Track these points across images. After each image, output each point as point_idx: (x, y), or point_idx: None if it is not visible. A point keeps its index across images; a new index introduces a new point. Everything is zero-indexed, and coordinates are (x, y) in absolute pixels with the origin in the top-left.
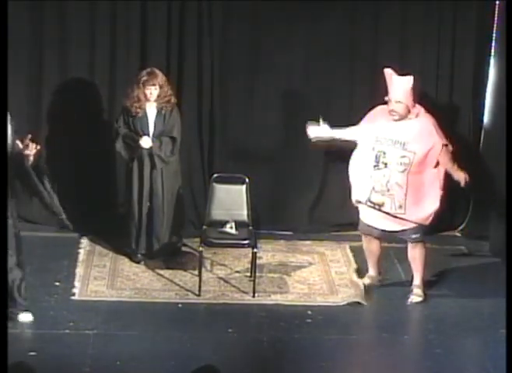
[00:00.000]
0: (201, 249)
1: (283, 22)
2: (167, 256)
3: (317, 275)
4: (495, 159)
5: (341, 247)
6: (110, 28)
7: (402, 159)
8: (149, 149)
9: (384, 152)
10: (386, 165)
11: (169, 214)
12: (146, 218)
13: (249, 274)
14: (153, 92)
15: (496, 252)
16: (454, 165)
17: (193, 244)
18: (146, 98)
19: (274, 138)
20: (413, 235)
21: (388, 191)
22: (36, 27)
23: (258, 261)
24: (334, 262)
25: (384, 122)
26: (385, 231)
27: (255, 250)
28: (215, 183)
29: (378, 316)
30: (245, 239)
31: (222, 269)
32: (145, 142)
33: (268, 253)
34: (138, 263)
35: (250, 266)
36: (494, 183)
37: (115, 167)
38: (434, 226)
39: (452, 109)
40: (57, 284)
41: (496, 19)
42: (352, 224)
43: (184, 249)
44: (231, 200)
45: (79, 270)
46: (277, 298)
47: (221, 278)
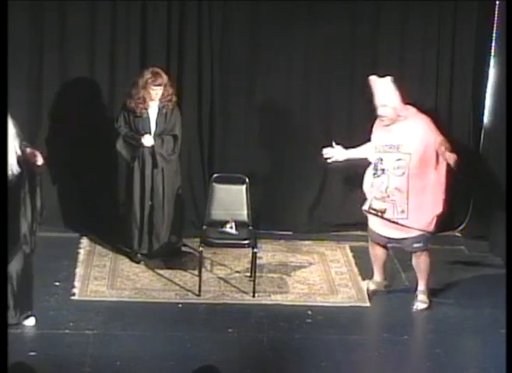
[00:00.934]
0: (201, 249)
1: (283, 22)
2: (167, 256)
3: (317, 275)
4: (495, 159)
5: (341, 247)
6: (110, 28)
7: (398, 162)
8: (150, 148)
9: (381, 159)
10: (383, 171)
11: (169, 213)
12: (148, 218)
13: (249, 274)
14: (158, 92)
15: (496, 252)
16: (452, 154)
17: (193, 244)
18: (151, 98)
19: (274, 138)
20: (415, 245)
21: (389, 197)
22: (36, 27)
23: (258, 261)
24: (334, 262)
25: (380, 130)
26: (389, 238)
27: (255, 250)
28: (215, 183)
29: (378, 316)
30: (245, 239)
31: (222, 269)
32: (147, 140)
33: (268, 253)
34: (138, 263)
35: (250, 266)
36: (494, 183)
37: (115, 167)
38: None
39: (452, 110)
40: (57, 284)
41: (496, 19)
42: (352, 224)
43: (184, 249)
44: (231, 200)
45: (79, 270)
46: (277, 298)
47: (221, 278)
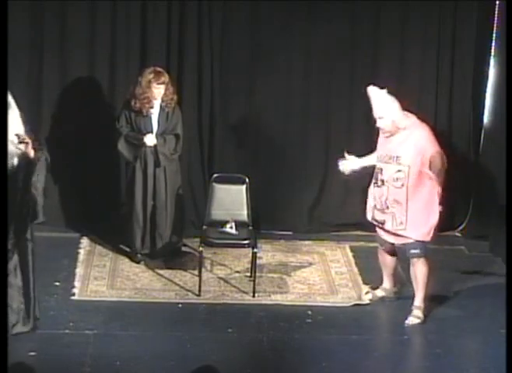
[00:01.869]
0: (201, 249)
1: (283, 22)
2: (167, 256)
3: (317, 275)
4: (495, 159)
5: (341, 247)
6: (110, 28)
7: (398, 174)
8: (152, 147)
9: (381, 169)
10: (383, 182)
11: (170, 213)
12: (150, 217)
13: (249, 274)
14: (161, 91)
15: (496, 252)
16: (441, 174)
17: (193, 244)
18: (154, 97)
19: (274, 138)
20: (412, 251)
21: (388, 209)
22: (36, 27)
23: (258, 261)
24: (334, 262)
25: (382, 139)
26: (391, 244)
27: (255, 250)
28: (215, 183)
29: (378, 316)
30: (245, 239)
31: (222, 269)
32: (150, 140)
33: (268, 253)
34: (139, 263)
35: (250, 266)
36: (494, 183)
37: (115, 167)
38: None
39: (452, 110)
40: (57, 284)
41: (496, 19)
42: (352, 224)
43: (184, 249)
44: (231, 200)
45: (79, 270)
46: (277, 298)
47: (221, 278)
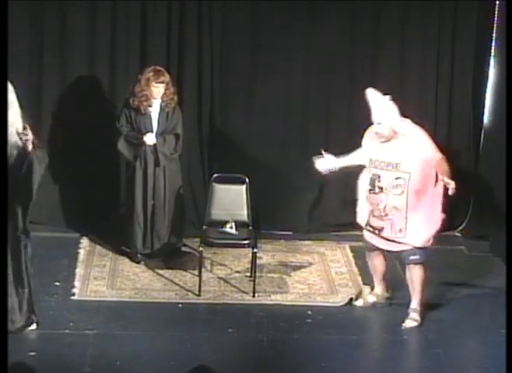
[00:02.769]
0: (201, 249)
1: (283, 22)
2: (167, 256)
3: (317, 275)
4: (495, 159)
5: (341, 247)
6: (110, 28)
7: (397, 181)
8: (152, 146)
9: (379, 176)
10: (382, 189)
11: (170, 213)
12: (150, 217)
13: (249, 274)
14: (161, 90)
15: (496, 252)
16: (448, 174)
17: (193, 244)
18: (153, 95)
19: (274, 138)
20: (411, 257)
21: (387, 216)
22: (36, 27)
23: (258, 261)
24: (334, 262)
25: (377, 143)
26: (385, 250)
27: (255, 250)
28: (215, 183)
29: (378, 316)
30: (245, 239)
31: (222, 269)
32: (150, 139)
33: (268, 253)
34: (138, 263)
35: (250, 266)
36: (494, 183)
37: (115, 167)
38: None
39: (452, 110)
40: (57, 284)
41: (496, 18)
42: (352, 224)
43: (184, 249)
44: (231, 200)
45: (79, 270)
46: (277, 298)
47: (221, 278)
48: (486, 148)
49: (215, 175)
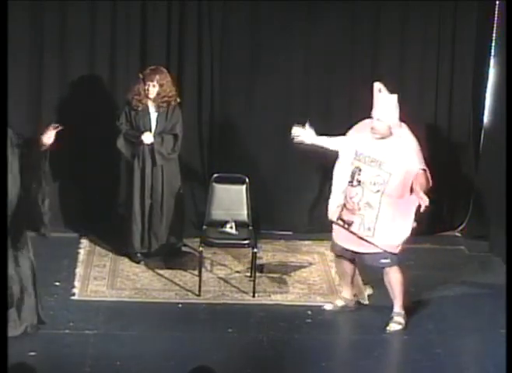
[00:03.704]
0: (201, 249)
1: (283, 22)
2: (167, 256)
3: (317, 275)
4: (495, 159)
5: None
6: (110, 28)
7: (376, 179)
8: (150, 145)
9: (360, 169)
10: (360, 182)
11: (168, 213)
12: (148, 217)
13: (249, 274)
14: (151, 89)
15: (496, 252)
16: (423, 189)
17: (193, 244)
18: (145, 93)
19: (274, 138)
20: (382, 260)
21: (359, 210)
22: (36, 27)
23: (258, 261)
24: (334, 262)
25: (367, 138)
26: (354, 252)
27: (255, 250)
28: (215, 183)
29: (378, 316)
30: (245, 239)
31: (222, 269)
32: (147, 138)
33: (268, 253)
34: (138, 263)
35: (250, 266)
36: (494, 183)
37: (115, 167)
38: (434, 226)
39: (452, 110)
40: (57, 284)
41: (496, 19)
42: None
43: (184, 249)
44: (231, 200)
45: (79, 270)
46: (277, 298)
47: (221, 278)
48: (486, 148)
49: (215, 175)
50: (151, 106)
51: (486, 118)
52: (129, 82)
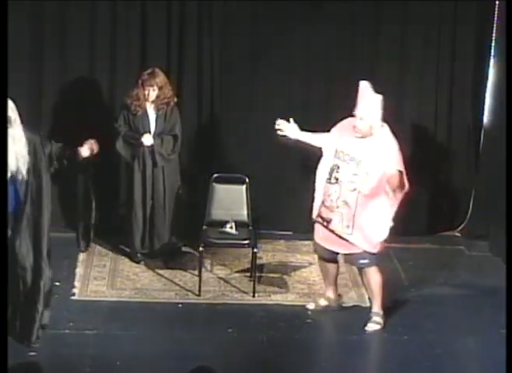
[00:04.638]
0: (201, 249)
1: (283, 22)
2: (167, 255)
3: (317, 275)
4: (495, 159)
5: None
6: (110, 28)
7: (354, 177)
8: (150, 147)
9: (339, 167)
10: (337, 180)
11: (169, 213)
12: (149, 217)
13: (249, 274)
14: (151, 93)
15: (496, 252)
16: (397, 194)
17: (193, 244)
18: (145, 98)
19: (274, 138)
20: (361, 261)
21: (338, 208)
22: (37, 27)
23: (258, 261)
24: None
25: (348, 136)
26: (335, 252)
27: (255, 250)
28: (215, 183)
29: None
30: (245, 239)
31: (222, 269)
32: (147, 139)
33: (268, 253)
34: (138, 263)
35: (250, 266)
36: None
37: (115, 167)
38: (434, 226)
39: (452, 110)
40: (57, 284)
41: (496, 18)
42: None
43: (184, 249)
44: (231, 200)
45: (79, 270)
46: (277, 298)
47: (221, 278)
48: (486, 148)
49: (215, 175)
50: (150, 108)
51: (486, 118)
52: (129, 83)
